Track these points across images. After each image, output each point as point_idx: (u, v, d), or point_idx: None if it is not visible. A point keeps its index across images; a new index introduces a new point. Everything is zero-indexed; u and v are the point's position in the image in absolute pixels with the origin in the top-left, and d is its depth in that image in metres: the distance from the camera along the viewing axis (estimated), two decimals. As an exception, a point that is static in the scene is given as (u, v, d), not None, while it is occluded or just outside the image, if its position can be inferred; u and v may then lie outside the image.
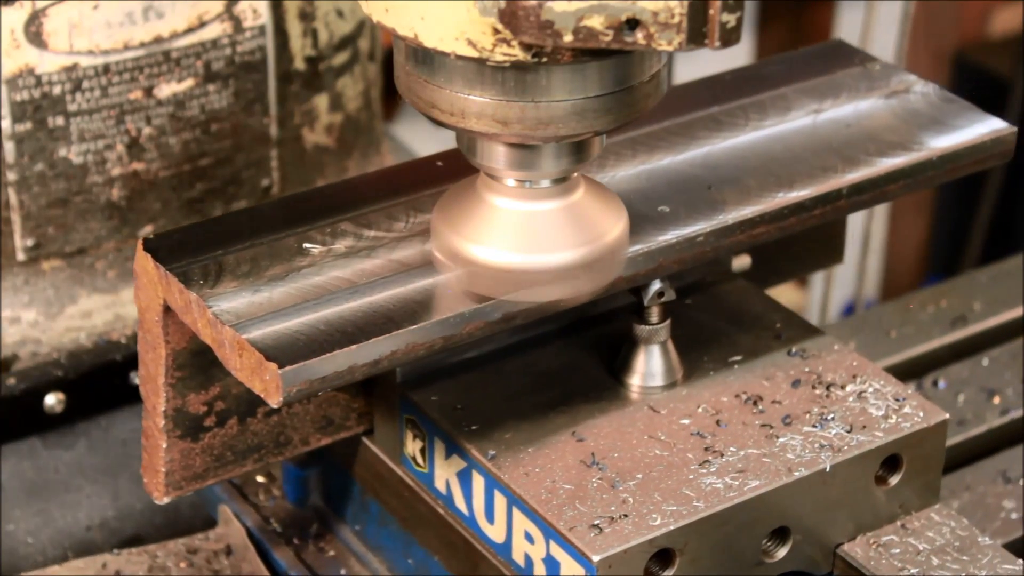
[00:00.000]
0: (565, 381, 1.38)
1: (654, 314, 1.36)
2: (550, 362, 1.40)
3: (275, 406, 1.18)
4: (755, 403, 1.36)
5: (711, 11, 1.08)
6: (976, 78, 3.55)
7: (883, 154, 1.42)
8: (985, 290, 1.81)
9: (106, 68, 1.57)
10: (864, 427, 1.33)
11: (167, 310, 1.25)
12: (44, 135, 1.57)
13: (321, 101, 1.73)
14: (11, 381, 1.59)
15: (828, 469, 1.30)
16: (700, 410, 1.35)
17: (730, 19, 1.08)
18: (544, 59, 1.14)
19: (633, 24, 1.09)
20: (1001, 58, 3.51)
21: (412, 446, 1.37)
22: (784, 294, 3.51)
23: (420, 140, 2.09)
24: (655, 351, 1.37)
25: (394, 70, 1.24)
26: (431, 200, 1.33)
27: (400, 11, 1.15)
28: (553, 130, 1.18)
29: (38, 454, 1.61)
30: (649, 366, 1.37)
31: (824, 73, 1.54)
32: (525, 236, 1.25)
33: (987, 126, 1.46)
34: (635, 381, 1.37)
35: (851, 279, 4.23)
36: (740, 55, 3.78)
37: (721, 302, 1.47)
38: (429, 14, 1.13)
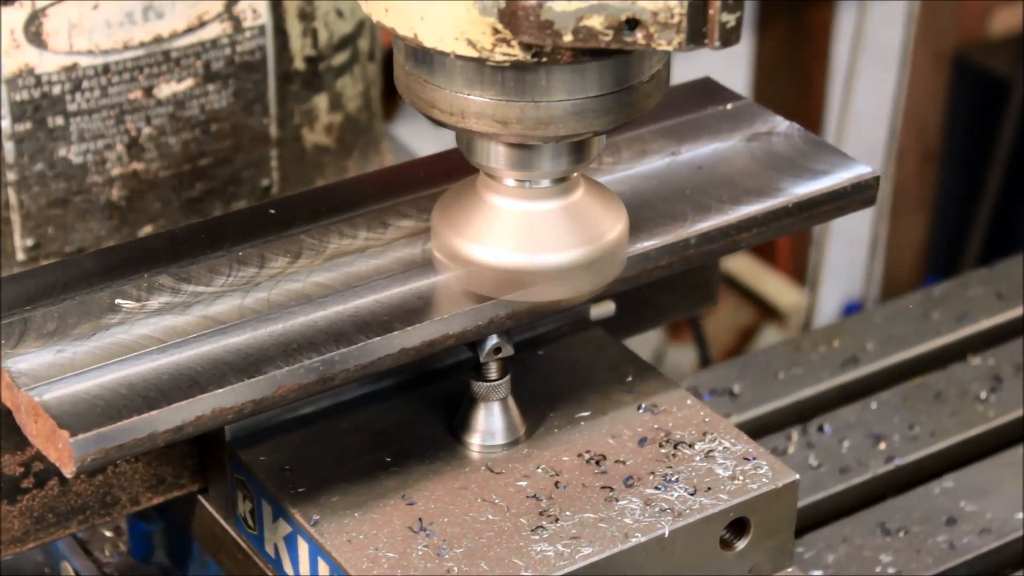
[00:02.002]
0: (400, 440, 1.34)
1: (492, 370, 1.32)
2: (387, 419, 1.36)
3: (68, 475, 1.13)
4: (598, 463, 1.31)
5: (711, 11, 1.08)
6: (976, 78, 3.55)
7: (737, 201, 1.37)
8: (880, 329, 1.78)
9: (106, 68, 1.57)
10: (709, 489, 1.28)
11: None
12: (44, 135, 1.57)
13: (321, 101, 1.73)
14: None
15: (667, 535, 1.25)
16: (539, 471, 1.30)
17: (730, 19, 1.08)
18: (544, 59, 1.14)
19: (633, 24, 1.09)
20: (1001, 58, 3.51)
21: (243, 507, 1.33)
22: (784, 294, 3.51)
23: (420, 140, 2.09)
24: (494, 408, 1.33)
25: (394, 70, 1.24)
26: (266, 246, 1.31)
27: (400, 11, 1.15)
28: (553, 130, 1.18)
29: None
30: (488, 424, 1.33)
31: (687, 113, 1.48)
32: (525, 236, 1.25)
33: (849, 171, 1.41)
34: (474, 440, 1.33)
35: (851, 279, 4.23)
36: (740, 55, 3.78)
37: (574, 353, 1.42)
38: (429, 14, 1.13)
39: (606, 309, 1.46)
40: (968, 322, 1.79)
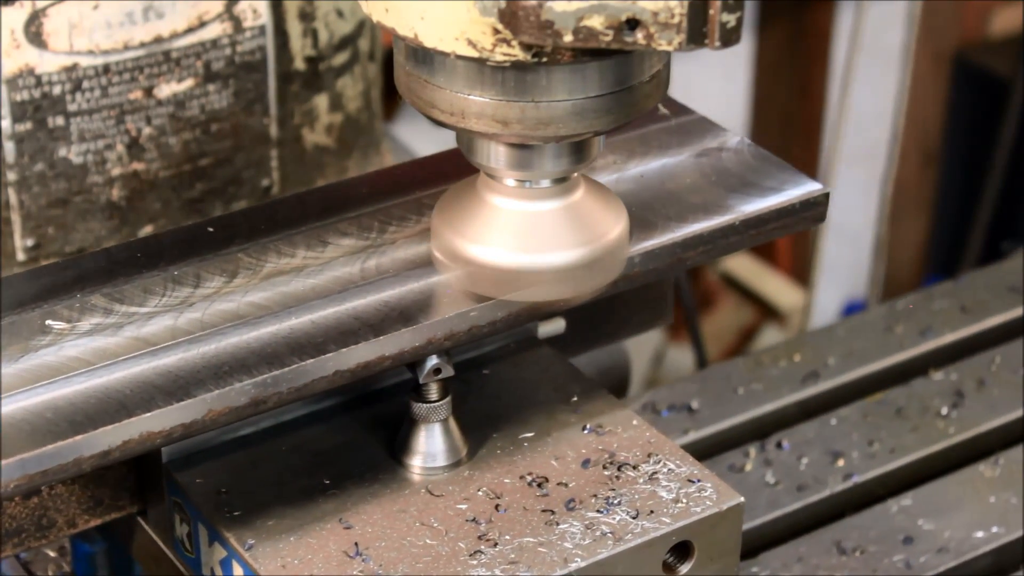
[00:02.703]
0: (340, 462, 1.31)
1: (432, 391, 1.30)
2: (328, 440, 1.33)
3: None
4: (540, 485, 1.28)
5: (711, 11, 1.08)
6: (976, 78, 3.55)
7: (683, 219, 1.34)
8: (842, 344, 1.76)
9: (106, 68, 1.57)
10: (651, 512, 1.25)
11: None
12: (44, 135, 1.57)
13: (321, 101, 1.73)
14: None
15: (607, 559, 1.22)
16: (480, 493, 1.28)
17: (730, 19, 1.08)
18: (544, 59, 1.14)
19: (633, 24, 1.09)
20: (1001, 58, 3.51)
21: (180, 530, 1.31)
22: (784, 294, 3.51)
23: (420, 140, 2.09)
24: (435, 430, 1.30)
25: (394, 70, 1.24)
26: (195, 266, 1.29)
27: (400, 11, 1.15)
28: (553, 130, 1.18)
29: None
30: (429, 446, 1.31)
31: (637, 127, 1.45)
32: (525, 236, 1.25)
33: (799, 188, 1.39)
34: (415, 462, 1.31)
35: (851, 279, 4.23)
36: (740, 55, 3.78)
37: (521, 372, 1.40)
38: (429, 14, 1.13)
39: (555, 327, 1.43)
40: (931, 336, 1.77)
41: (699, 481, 1.29)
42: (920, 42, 3.34)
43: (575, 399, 1.37)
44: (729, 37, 1.09)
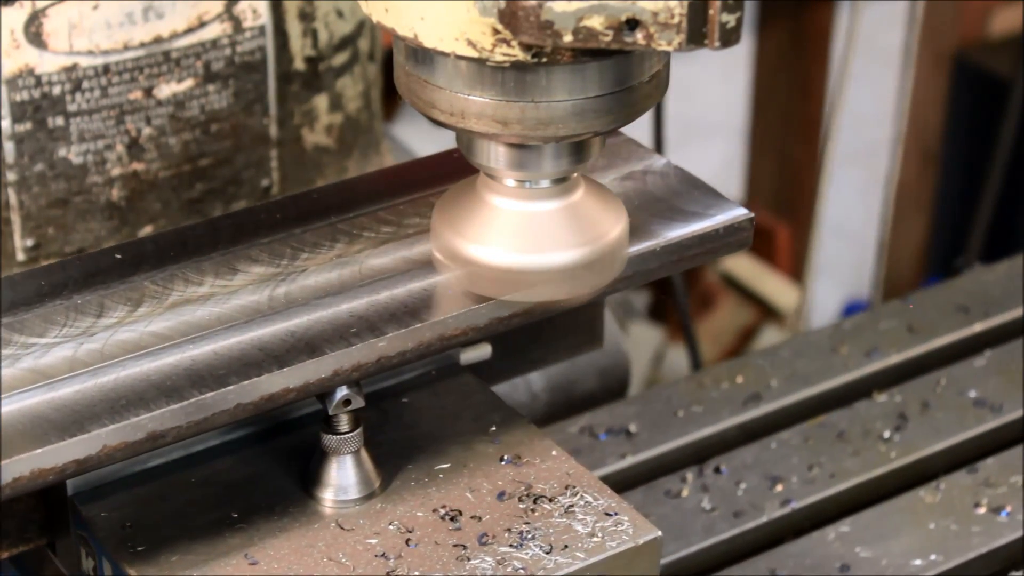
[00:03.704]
0: (250, 494, 1.28)
1: (342, 422, 1.27)
2: (239, 472, 1.30)
3: None
4: (453, 519, 1.26)
5: (711, 11, 1.08)
6: (976, 78, 3.55)
7: None
8: (786, 365, 1.72)
9: (106, 68, 1.57)
10: (565, 547, 1.23)
11: None
12: (44, 135, 1.57)
13: (321, 101, 1.73)
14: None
15: None
16: (391, 527, 1.25)
17: (730, 19, 1.08)
18: (544, 59, 1.14)
19: (633, 24, 1.09)
20: (1001, 58, 3.51)
21: (86, 563, 1.28)
22: (784, 294, 3.51)
23: (420, 140, 2.09)
24: (347, 462, 1.28)
25: (394, 70, 1.24)
26: (122, 293, 1.26)
27: (400, 11, 1.15)
28: (553, 130, 1.18)
29: None
30: (340, 478, 1.28)
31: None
32: (525, 236, 1.25)
33: (723, 213, 1.36)
34: (326, 495, 1.28)
35: (851, 279, 4.24)
36: (740, 55, 3.78)
37: (440, 400, 1.37)
38: (429, 14, 1.13)
39: (480, 352, 1.40)
40: (877, 357, 1.73)
41: (616, 514, 1.26)
42: (920, 42, 3.34)
43: (494, 429, 1.34)
44: (729, 37, 1.09)
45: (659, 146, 2.17)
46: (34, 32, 1.53)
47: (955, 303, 1.81)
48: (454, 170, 1.36)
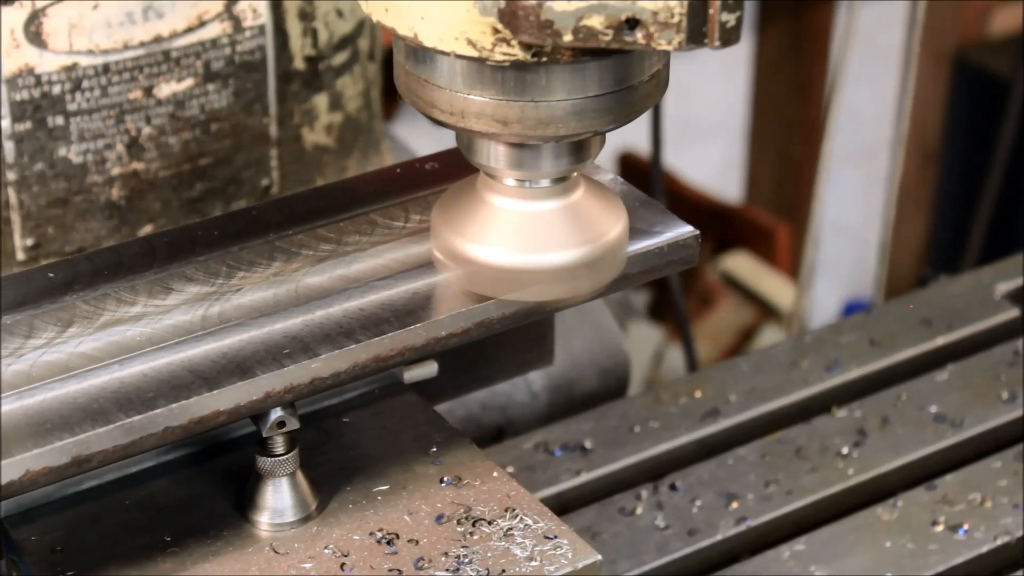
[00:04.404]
0: (184, 517, 1.25)
1: (277, 445, 1.24)
2: (174, 494, 1.27)
3: None
4: (390, 543, 1.23)
5: (711, 11, 1.08)
6: (976, 78, 3.55)
7: None
8: (745, 379, 1.68)
9: (106, 68, 1.57)
10: (503, 572, 1.21)
11: None
12: (44, 135, 1.57)
13: (321, 101, 1.73)
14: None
15: None
16: (327, 551, 1.22)
17: (730, 19, 1.08)
18: (544, 59, 1.14)
19: (633, 24, 1.09)
20: (1001, 58, 3.51)
21: None
22: (785, 294, 3.51)
23: (420, 140, 2.09)
24: (283, 484, 1.25)
25: (394, 70, 1.24)
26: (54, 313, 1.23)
27: (400, 11, 1.15)
28: (553, 130, 1.18)
29: None
30: (276, 501, 1.25)
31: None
32: (525, 236, 1.25)
33: (669, 231, 1.34)
34: (262, 518, 1.25)
35: (853, 279, 4.24)
36: (740, 55, 3.79)
37: (382, 420, 1.35)
38: (429, 13, 1.13)
39: (426, 370, 1.38)
40: (838, 372, 1.70)
41: (555, 538, 1.24)
42: (920, 42, 3.34)
43: (435, 450, 1.32)
44: (729, 37, 1.09)
45: (657, 146, 2.17)
46: (34, 32, 1.53)
47: (919, 316, 1.77)
48: (397, 187, 1.35)
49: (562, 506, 1.54)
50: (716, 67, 4.30)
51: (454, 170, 1.36)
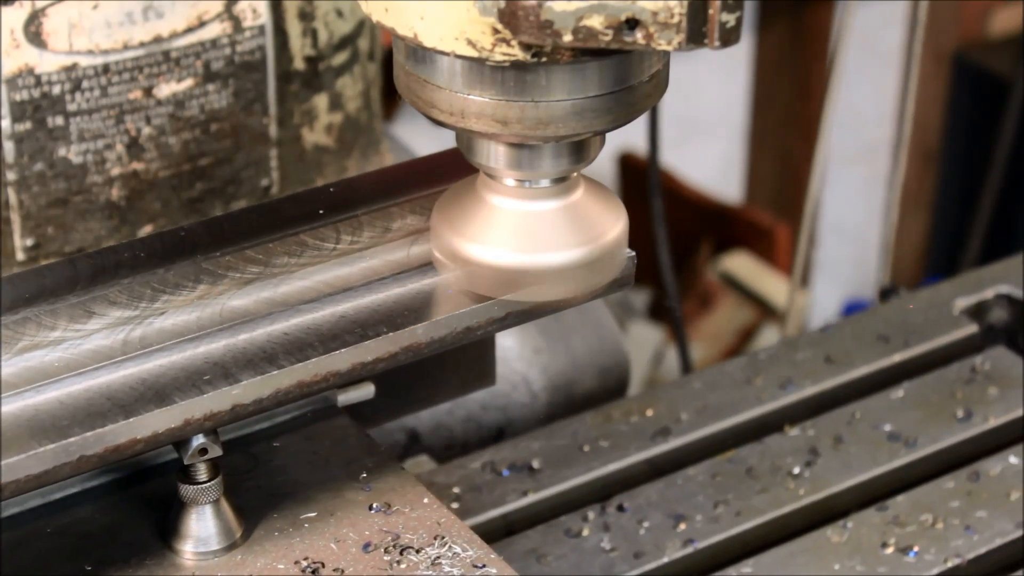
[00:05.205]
0: (107, 545, 1.22)
1: (200, 472, 1.21)
2: (97, 521, 1.24)
3: None
4: (315, 572, 1.21)
5: (711, 11, 1.08)
6: (976, 78, 3.56)
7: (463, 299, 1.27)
8: (697, 397, 1.64)
9: (106, 68, 1.57)
10: None
11: None
12: (44, 135, 1.57)
13: (321, 101, 1.73)
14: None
15: None
16: None
17: (730, 19, 1.08)
18: (544, 59, 1.14)
19: (633, 24, 1.09)
20: (1001, 58, 3.51)
21: None
22: (785, 294, 3.51)
23: (420, 140, 2.09)
24: (206, 512, 1.22)
25: (394, 70, 1.24)
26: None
27: (400, 11, 1.15)
28: (553, 130, 1.18)
29: None
30: (199, 529, 1.22)
31: (441, 184, 1.35)
32: (524, 236, 1.25)
33: None
34: (185, 546, 1.22)
35: (851, 278, 4.24)
36: (740, 55, 3.79)
37: (313, 444, 1.32)
38: (429, 14, 1.13)
39: (362, 393, 1.35)
40: (792, 390, 1.65)
41: (484, 567, 1.22)
42: (920, 42, 3.34)
43: (365, 475, 1.29)
44: (729, 37, 1.09)
45: (655, 146, 2.17)
46: (34, 32, 1.53)
47: (876, 332, 1.73)
48: (330, 205, 1.32)
49: (508, 528, 1.51)
50: (716, 67, 4.30)
51: (386, 189, 1.35)
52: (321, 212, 1.33)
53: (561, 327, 1.81)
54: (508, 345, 1.77)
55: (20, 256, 1.61)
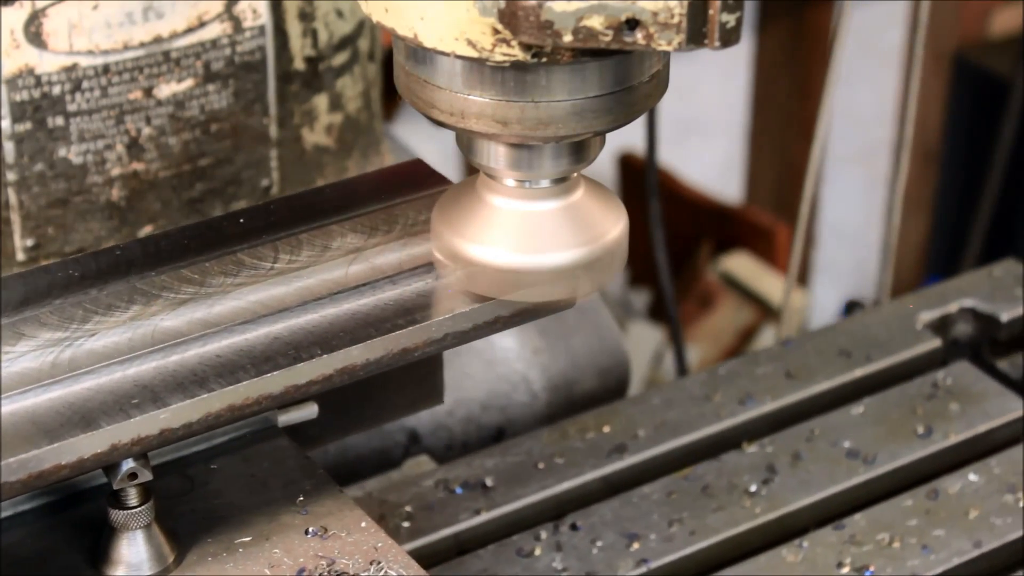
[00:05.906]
0: (37, 572, 1.20)
1: (130, 497, 1.19)
2: (28, 547, 1.21)
3: None
4: None
5: (711, 11, 1.08)
6: (976, 78, 3.56)
7: (427, 306, 1.25)
8: (655, 413, 1.62)
9: (106, 68, 1.57)
10: None
11: None
12: (44, 135, 1.57)
13: (321, 101, 1.73)
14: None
15: None
16: None
17: (730, 19, 1.08)
18: (544, 59, 1.14)
19: (633, 24, 1.09)
20: (1001, 58, 3.51)
21: None
22: (783, 293, 3.52)
23: (420, 140, 2.09)
24: (137, 537, 1.20)
25: (394, 70, 1.24)
26: None
27: (400, 11, 1.15)
28: (553, 130, 1.18)
29: None
30: (131, 555, 1.20)
31: (385, 200, 1.34)
32: (525, 236, 1.25)
33: None
34: (117, 572, 1.20)
35: (851, 279, 4.24)
36: (740, 55, 3.79)
37: (251, 466, 1.29)
38: (429, 14, 1.13)
39: (304, 413, 1.32)
40: (751, 405, 1.62)
41: None
42: (921, 42, 3.34)
43: (302, 498, 1.27)
44: (729, 37, 1.09)
45: (652, 146, 2.17)
46: (34, 32, 1.53)
47: (838, 347, 1.70)
48: (265, 225, 1.31)
49: (460, 547, 1.49)
50: (716, 67, 4.30)
51: (338, 204, 1.33)
52: (261, 229, 1.31)
53: (561, 327, 1.81)
54: (508, 345, 1.77)
55: (20, 256, 1.61)
